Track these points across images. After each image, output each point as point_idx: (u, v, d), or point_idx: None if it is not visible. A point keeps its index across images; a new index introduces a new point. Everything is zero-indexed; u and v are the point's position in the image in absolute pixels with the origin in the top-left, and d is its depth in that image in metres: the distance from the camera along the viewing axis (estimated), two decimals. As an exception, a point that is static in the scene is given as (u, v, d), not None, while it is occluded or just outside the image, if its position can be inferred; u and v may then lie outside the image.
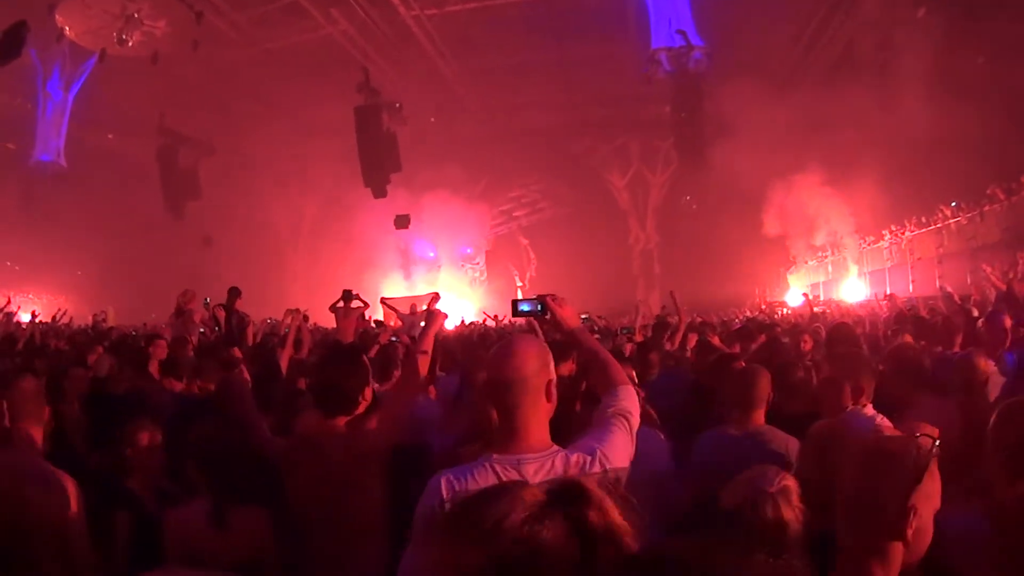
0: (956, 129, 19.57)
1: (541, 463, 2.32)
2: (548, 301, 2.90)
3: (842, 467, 2.23)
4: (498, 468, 2.30)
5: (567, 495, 1.44)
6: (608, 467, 2.37)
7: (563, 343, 3.66)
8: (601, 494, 1.45)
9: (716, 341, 8.29)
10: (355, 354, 3.82)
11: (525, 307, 2.96)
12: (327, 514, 3.41)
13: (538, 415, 2.40)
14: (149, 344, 7.90)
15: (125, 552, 3.55)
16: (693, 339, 8.56)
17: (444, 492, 2.28)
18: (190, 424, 4.01)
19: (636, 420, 2.60)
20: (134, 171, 32.98)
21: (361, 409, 3.48)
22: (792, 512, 2.58)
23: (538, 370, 2.40)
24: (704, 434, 4.29)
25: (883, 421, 3.77)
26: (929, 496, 2.06)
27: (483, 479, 2.26)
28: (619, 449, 2.46)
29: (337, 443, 3.38)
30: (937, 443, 2.04)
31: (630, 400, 2.66)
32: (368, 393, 3.52)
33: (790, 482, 2.66)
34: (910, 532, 1.99)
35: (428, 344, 3.65)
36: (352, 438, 3.33)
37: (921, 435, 2.06)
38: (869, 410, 3.91)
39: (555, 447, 2.40)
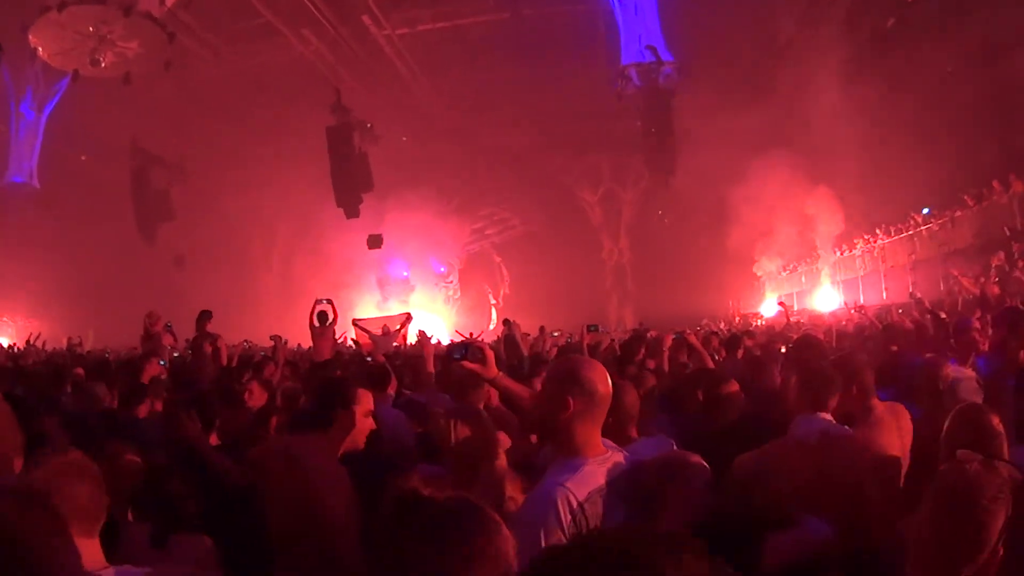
0: (927, 135, 19.79)
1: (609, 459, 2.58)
2: (474, 351, 3.40)
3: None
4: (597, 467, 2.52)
5: None
6: None
7: None
8: None
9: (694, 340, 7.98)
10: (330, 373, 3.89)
11: (457, 354, 3.42)
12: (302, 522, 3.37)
13: None
14: (144, 362, 7.83)
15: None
16: (668, 339, 8.27)
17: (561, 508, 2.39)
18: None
19: None
20: (107, 192, 32.57)
21: (334, 425, 3.49)
22: None
23: None
24: None
25: (836, 428, 3.64)
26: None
27: (592, 481, 2.47)
28: None
29: (307, 454, 3.37)
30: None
31: None
32: (342, 414, 3.51)
33: None
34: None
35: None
36: (320, 451, 3.34)
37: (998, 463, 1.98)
38: (822, 417, 3.67)
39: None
